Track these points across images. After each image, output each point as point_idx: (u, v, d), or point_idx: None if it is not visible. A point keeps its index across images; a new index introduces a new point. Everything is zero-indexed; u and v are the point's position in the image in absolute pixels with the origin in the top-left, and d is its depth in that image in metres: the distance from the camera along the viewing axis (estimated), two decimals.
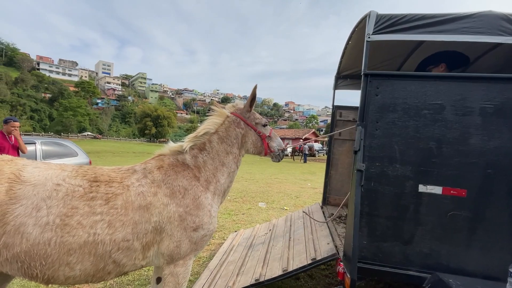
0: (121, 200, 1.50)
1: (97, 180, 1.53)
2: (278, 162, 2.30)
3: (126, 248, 1.48)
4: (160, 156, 1.82)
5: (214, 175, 1.85)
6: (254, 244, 3.36)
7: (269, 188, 9.55)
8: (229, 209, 6.20)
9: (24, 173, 1.40)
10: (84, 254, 1.40)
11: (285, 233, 3.27)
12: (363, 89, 2.12)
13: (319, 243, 2.58)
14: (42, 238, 1.32)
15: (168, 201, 1.60)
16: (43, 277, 1.37)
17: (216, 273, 2.81)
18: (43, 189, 1.38)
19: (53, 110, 63.87)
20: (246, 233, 3.96)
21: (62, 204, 1.38)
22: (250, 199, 7.42)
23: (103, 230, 1.42)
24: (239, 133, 1.98)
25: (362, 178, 2.02)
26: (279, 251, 2.80)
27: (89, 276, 1.47)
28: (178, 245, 1.60)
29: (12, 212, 1.29)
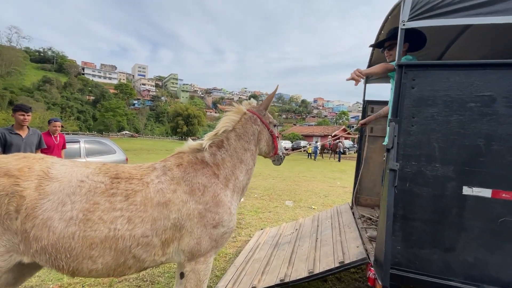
0: (140, 197, 1.52)
1: (118, 177, 1.56)
2: (278, 165, 2.34)
3: (146, 244, 1.51)
4: (180, 154, 1.84)
5: (233, 172, 1.85)
6: (280, 243, 3.31)
7: (297, 186, 9.41)
8: (256, 207, 6.21)
9: (52, 170, 1.47)
10: (105, 249, 1.44)
11: (311, 233, 3.17)
12: (397, 82, 1.95)
13: (347, 245, 2.45)
14: (67, 232, 1.38)
15: (188, 198, 1.60)
16: (68, 268, 1.44)
17: (241, 270, 2.82)
18: (68, 185, 1.44)
19: (96, 111, 69.48)
20: (272, 232, 3.93)
21: (85, 200, 1.43)
22: (277, 197, 7.37)
23: (123, 225, 1.45)
24: (256, 130, 1.99)
25: (395, 178, 1.86)
26: (305, 251, 2.72)
27: (111, 270, 1.50)
28: (199, 242, 1.61)
29: (41, 207, 1.36)
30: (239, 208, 6.05)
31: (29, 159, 1.51)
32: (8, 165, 1.42)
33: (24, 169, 1.42)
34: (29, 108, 3.61)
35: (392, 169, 1.86)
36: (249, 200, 6.85)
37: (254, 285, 2.37)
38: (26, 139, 3.52)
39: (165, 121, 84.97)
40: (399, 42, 1.93)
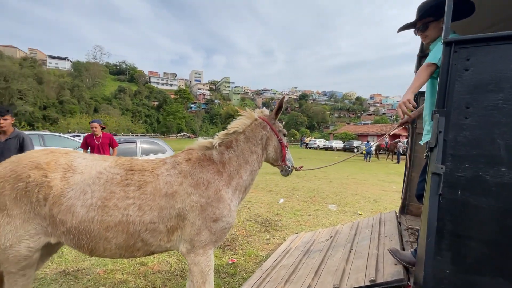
0: (150, 187, 1.66)
1: (132, 169, 1.71)
2: (286, 176, 2.36)
3: (153, 230, 1.64)
4: (189, 150, 1.95)
5: (238, 171, 1.93)
6: (312, 250, 3.05)
7: (344, 189, 8.75)
8: (295, 209, 5.96)
9: (75, 163, 1.64)
10: (118, 231, 1.59)
11: (346, 243, 2.84)
12: (444, 63, 1.56)
13: (384, 261, 2.09)
14: (87, 217, 1.55)
15: (192, 191, 1.71)
16: (87, 247, 1.60)
17: (266, 276, 2.68)
18: (89, 177, 1.60)
19: (159, 115, 77.47)
20: (307, 237, 3.67)
21: (103, 189, 1.59)
22: (320, 200, 6.96)
23: (134, 212, 1.60)
24: (264, 135, 2.08)
25: (440, 184, 1.49)
26: (335, 263, 2.43)
27: (122, 250, 1.65)
28: (198, 233, 1.70)
29: (65, 195, 1.53)
30: (277, 209, 5.89)
31: (55, 153, 1.68)
32: (38, 159, 1.60)
33: (51, 163, 1.60)
34: (5, 111, 3.17)
35: (436, 173, 1.49)
36: (289, 202, 6.62)
37: None
38: (4, 145, 3.12)
39: (218, 123, 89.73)
40: (446, 11, 1.54)
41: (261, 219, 5.18)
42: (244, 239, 4.14)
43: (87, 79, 73.26)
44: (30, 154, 1.67)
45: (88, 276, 2.90)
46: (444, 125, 1.54)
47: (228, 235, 4.26)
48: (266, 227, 4.72)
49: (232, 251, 3.72)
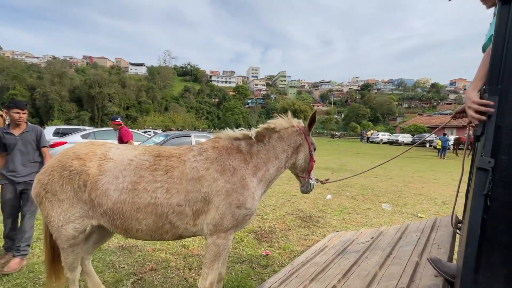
0: (177, 172, 1.77)
1: (160, 156, 1.84)
2: (306, 194, 2.41)
3: (179, 212, 1.74)
4: (216, 139, 2.04)
5: (266, 164, 2.00)
6: (348, 250, 2.82)
7: (406, 188, 7.78)
8: (342, 206, 5.59)
9: (109, 153, 1.82)
10: (148, 213, 1.71)
11: (387, 246, 2.52)
12: (500, 28, 1.21)
13: (423, 271, 1.78)
14: (120, 199, 1.70)
15: (218, 176, 1.79)
16: (121, 227, 1.76)
17: (295, 271, 2.61)
18: (121, 164, 1.77)
19: (219, 111, 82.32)
20: (347, 236, 3.41)
21: (133, 174, 1.73)
22: (374, 198, 6.35)
23: (162, 194, 1.71)
24: (298, 141, 2.16)
25: (487, 182, 1.17)
26: (369, 266, 2.19)
27: (152, 231, 1.78)
28: (222, 217, 1.77)
29: (101, 181, 1.71)
30: (322, 205, 5.63)
31: (94, 145, 1.90)
32: (79, 151, 1.83)
33: (89, 153, 1.81)
34: (24, 105, 3.17)
35: (482, 168, 1.18)
36: (337, 198, 6.25)
37: None
38: (21, 137, 3.13)
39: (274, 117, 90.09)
40: None
41: (303, 214, 5.03)
42: (282, 233, 4.10)
43: (159, 81, 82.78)
44: (74, 146, 1.90)
45: (139, 252, 3.33)
46: (498, 107, 1.20)
47: (267, 228, 4.28)
48: (307, 223, 4.56)
49: (268, 244, 3.73)
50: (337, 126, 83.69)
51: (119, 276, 2.74)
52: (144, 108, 68.21)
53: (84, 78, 67.13)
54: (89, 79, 64.00)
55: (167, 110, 69.39)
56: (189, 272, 2.91)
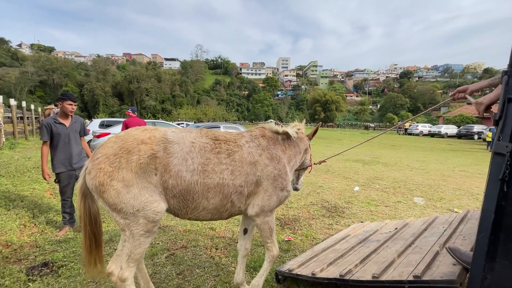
0: (238, 156, 1.92)
1: (217, 139, 1.95)
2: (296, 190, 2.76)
3: (239, 193, 1.92)
4: (262, 128, 2.28)
5: (294, 157, 2.34)
6: (370, 239, 2.82)
7: (444, 182, 7.27)
8: (370, 198, 5.46)
9: (169, 136, 1.79)
10: (216, 192, 1.83)
11: (410, 237, 2.47)
12: None
13: (442, 259, 1.75)
14: (192, 180, 1.75)
15: (268, 163, 2.02)
16: (191, 207, 1.82)
17: (314, 256, 2.69)
18: (185, 146, 1.79)
19: (249, 103, 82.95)
20: (371, 226, 3.37)
21: (199, 156, 1.80)
22: (405, 192, 6.07)
23: (228, 176, 1.85)
24: (307, 145, 2.56)
25: (504, 167, 1.14)
26: (388, 254, 2.19)
27: (215, 210, 1.90)
28: (269, 198, 2.02)
29: (171, 163, 1.71)
30: (349, 197, 5.54)
31: (148, 130, 1.82)
32: (140, 136, 1.74)
33: (152, 137, 1.75)
34: (76, 98, 3.49)
35: (499, 152, 1.15)
36: (365, 191, 6.09)
37: (315, 273, 2.22)
38: (70, 128, 3.45)
39: (304, 109, 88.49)
40: None
41: (328, 204, 5.03)
42: (305, 221, 4.18)
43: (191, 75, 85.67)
44: (129, 133, 1.80)
45: (172, 231, 3.66)
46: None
47: (290, 216, 4.38)
48: (332, 213, 4.57)
49: (291, 230, 3.83)
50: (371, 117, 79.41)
51: (155, 250, 3.07)
52: (178, 101, 71.34)
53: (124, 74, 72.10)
54: (128, 75, 68.65)
55: (199, 103, 71.84)
56: (216, 251, 3.15)
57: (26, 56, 74.61)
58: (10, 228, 3.33)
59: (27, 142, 11.48)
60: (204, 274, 2.67)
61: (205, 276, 2.65)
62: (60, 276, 2.56)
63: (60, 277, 2.54)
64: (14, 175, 5.63)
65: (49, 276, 2.55)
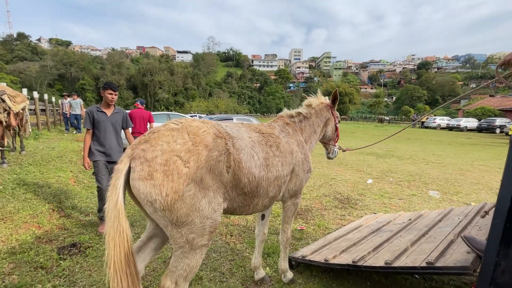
0: (282, 147, 1.98)
1: (261, 132, 1.94)
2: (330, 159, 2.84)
3: (285, 182, 2.00)
4: (282, 117, 2.37)
5: (310, 137, 2.41)
6: (383, 229, 2.84)
7: (461, 176, 7.09)
8: (383, 191, 5.42)
9: (228, 131, 1.66)
10: (274, 185, 1.86)
11: (425, 227, 2.48)
12: None
13: (456, 248, 1.77)
14: (260, 175, 1.71)
15: (297, 149, 2.13)
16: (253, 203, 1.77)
17: (327, 244, 2.76)
18: (246, 141, 1.70)
19: (260, 96, 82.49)
20: (384, 218, 3.39)
21: (260, 151, 1.77)
22: (420, 185, 5.98)
23: (280, 167, 1.91)
24: (327, 115, 2.57)
25: None
26: (401, 243, 2.22)
27: (269, 202, 1.91)
28: (300, 182, 2.16)
29: (242, 159, 1.61)
30: (362, 189, 5.53)
31: (206, 123, 1.62)
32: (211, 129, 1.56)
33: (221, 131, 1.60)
34: (117, 87, 3.47)
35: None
36: (379, 183, 6.04)
37: (328, 259, 2.29)
38: (111, 117, 3.41)
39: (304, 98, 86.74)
40: None
41: (341, 196, 5.05)
42: (317, 212, 4.23)
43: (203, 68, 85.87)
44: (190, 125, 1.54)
45: None
46: None
47: (303, 206, 4.45)
48: (344, 204, 4.59)
49: (304, 220, 3.90)
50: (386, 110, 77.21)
51: None
52: (190, 94, 71.96)
53: (138, 67, 73.21)
54: (142, 68, 69.67)
55: (211, 96, 72.19)
56: (231, 238, 3.27)
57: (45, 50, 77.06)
58: (41, 211, 3.58)
59: (50, 133, 12.02)
60: (220, 258, 2.80)
61: (221, 260, 2.78)
62: (87, 256, 2.76)
63: (87, 257, 2.73)
64: (40, 164, 5.97)
65: (77, 255, 2.75)
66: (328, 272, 2.56)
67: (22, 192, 4.09)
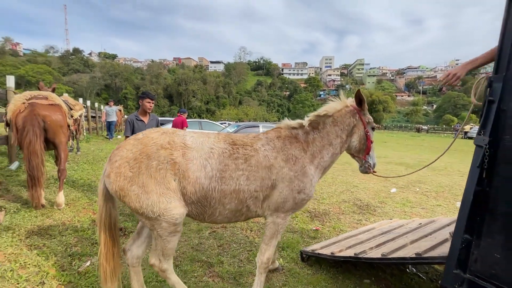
0: (254, 160, 1.87)
1: (235, 144, 1.92)
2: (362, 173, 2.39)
3: (255, 197, 1.89)
4: (278, 129, 2.16)
5: (320, 151, 2.10)
6: (393, 232, 2.98)
7: None
8: (407, 200, 5.38)
9: (187, 141, 1.79)
10: (232, 198, 1.82)
11: (432, 230, 2.60)
12: (508, 16, 1.35)
13: (448, 244, 1.92)
14: (211, 186, 1.75)
15: (284, 164, 1.93)
16: (209, 213, 1.85)
17: (337, 241, 2.98)
18: (203, 152, 1.78)
19: (290, 104, 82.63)
20: (398, 222, 3.49)
21: (218, 162, 1.78)
22: (448, 196, 5.79)
23: (244, 182, 1.82)
24: (352, 123, 2.18)
25: (481, 157, 1.37)
26: (403, 242, 2.40)
27: (231, 214, 1.90)
28: (285, 201, 1.94)
29: (190, 169, 1.71)
30: (384, 197, 5.55)
31: (169, 134, 1.83)
32: (159, 141, 1.75)
33: (171, 142, 1.75)
34: (154, 96, 3.82)
35: (478, 145, 1.38)
36: (404, 193, 5.98)
37: (334, 252, 2.54)
38: (148, 125, 3.74)
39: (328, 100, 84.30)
40: None
41: (360, 202, 5.14)
42: (335, 216, 4.41)
43: (234, 77, 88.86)
44: (149, 136, 1.79)
45: None
46: (501, 93, 1.36)
47: (321, 210, 4.66)
48: (363, 210, 4.70)
49: (320, 222, 4.12)
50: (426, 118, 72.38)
51: (200, 227, 3.67)
52: (221, 102, 74.77)
53: (174, 77, 78.32)
54: (178, 78, 74.47)
55: (241, 104, 74.18)
56: (250, 232, 3.63)
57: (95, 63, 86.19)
58: (95, 201, 4.29)
59: (98, 137, 13.60)
60: (240, 248, 3.17)
61: (240, 249, 3.14)
62: None
63: None
64: (92, 162, 6.95)
65: (122, 237, 3.31)
66: (336, 267, 2.79)
67: (80, 184, 4.91)
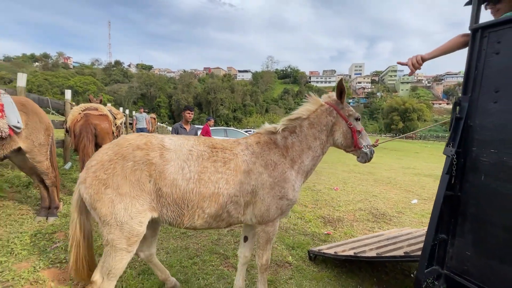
0: (233, 164, 1.85)
1: (215, 147, 1.89)
2: (364, 163, 2.24)
3: (235, 202, 1.83)
4: (258, 134, 2.12)
5: (300, 156, 2.02)
6: (400, 238, 3.12)
7: None
8: (427, 211, 5.31)
9: (165, 143, 1.78)
10: (211, 202, 1.76)
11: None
12: (472, 48, 1.58)
13: None
14: (188, 188, 1.70)
15: (263, 170, 1.89)
16: (186, 216, 1.77)
17: (344, 244, 3.18)
18: (182, 154, 1.76)
19: None
20: (407, 230, 3.58)
21: (196, 164, 1.76)
22: None
23: (223, 185, 1.78)
24: (330, 121, 2.07)
25: (449, 166, 1.59)
26: (402, 245, 2.57)
27: (212, 219, 1.83)
28: (268, 208, 1.89)
29: (167, 170, 1.68)
30: (403, 208, 5.52)
31: (146, 136, 1.81)
32: (136, 142, 1.73)
33: (148, 143, 1.73)
34: (193, 108, 4.97)
35: (446, 155, 1.61)
36: (425, 204, 5.87)
37: (336, 252, 2.78)
38: (189, 132, 4.69)
39: (379, 118, 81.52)
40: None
41: (377, 211, 5.20)
42: (348, 222, 4.56)
43: (261, 85, 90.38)
44: (125, 138, 1.79)
45: None
46: (468, 111, 1.58)
47: (335, 216, 4.82)
48: (378, 219, 4.77)
49: (333, 227, 4.30)
50: None
51: None
52: (248, 110, 76.36)
53: (204, 86, 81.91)
54: (207, 87, 77.73)
55: (267, 112, 75.10)
56: None
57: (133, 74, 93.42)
58: None
59: None
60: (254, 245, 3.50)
61: (254, 246, 3.48)
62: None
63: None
64: None
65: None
66: (340, 267, 3.00)
67: None
